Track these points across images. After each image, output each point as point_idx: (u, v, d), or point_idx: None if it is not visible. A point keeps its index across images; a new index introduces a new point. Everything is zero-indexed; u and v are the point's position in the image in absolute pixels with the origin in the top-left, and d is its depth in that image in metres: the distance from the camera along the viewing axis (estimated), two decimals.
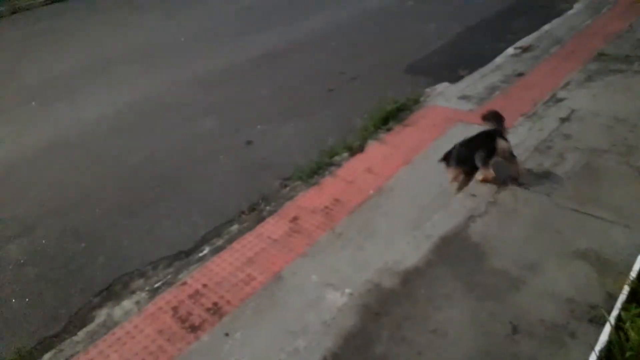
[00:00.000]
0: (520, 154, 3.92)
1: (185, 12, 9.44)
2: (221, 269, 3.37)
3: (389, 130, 4.85)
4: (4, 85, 6.94)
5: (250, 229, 3.72)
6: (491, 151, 3.57)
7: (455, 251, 3.14)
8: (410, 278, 2.99)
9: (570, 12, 7.85)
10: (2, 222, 4.24)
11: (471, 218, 3.41)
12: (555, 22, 7.45)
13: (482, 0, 8.63)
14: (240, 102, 5.93)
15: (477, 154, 3.57)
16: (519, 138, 4.26)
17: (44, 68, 7.40)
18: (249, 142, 5.07)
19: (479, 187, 3.71)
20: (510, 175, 3.72)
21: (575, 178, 3.66)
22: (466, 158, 3.60)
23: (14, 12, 9.92)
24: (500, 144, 3.55)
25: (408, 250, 3.22)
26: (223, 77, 6.61)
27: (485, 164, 3.61)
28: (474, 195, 3.62)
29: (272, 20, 8.59)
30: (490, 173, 3.69)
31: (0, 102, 6.42)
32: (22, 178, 4.81)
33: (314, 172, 4.35)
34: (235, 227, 3.81)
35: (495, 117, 3.70)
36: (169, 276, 3.42)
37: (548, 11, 8.04)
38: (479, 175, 3.73)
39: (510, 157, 3.64)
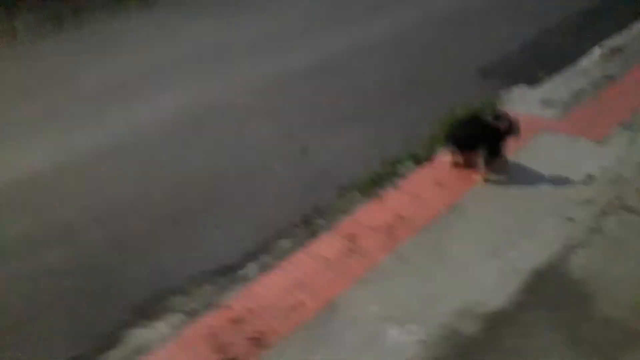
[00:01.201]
0: (623, 170, 3.30)
1: (242, 15, 9.20)
2: (268, 290, 2.97)
3: None
4: (61, 87, 6.90)
5: (302, 245, 3.31)
6: (494, 151, 3.50)
7: (552, 291, 2.56)
8: (496, 324, 2.44)
9: None
10: (44, 225, 4.04)
11: (570, 248, 2.81)
12: None
13: None
14: (297, 108, 5.56)
15: (482, 150, 3.50)
16: (620, 151, 3.63)
17: (101, 71, 7.34)
18: (304, 150, 4.68)
19: (578, 210, 3.10)
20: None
21: None
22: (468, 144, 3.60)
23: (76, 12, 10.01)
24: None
25: (492, 287, 2.67)
26: (279, 82, 6.27)
27: (488, 164, 3.54)
28: (571, 220, 3.03)
29: (331, 25, 8.20)
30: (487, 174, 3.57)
31: (56, 106, 6.34)
32: (70, 182, 4.63)
33: (375, 183, 3.89)
34: (285, 243, 3.41)
35: (510, 121, 3.51)
36: (211, 296, 3.06)
37: (637, 8, 7.21)
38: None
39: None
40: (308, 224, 3.56)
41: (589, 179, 3.42)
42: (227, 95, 6.09)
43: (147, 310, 3.10)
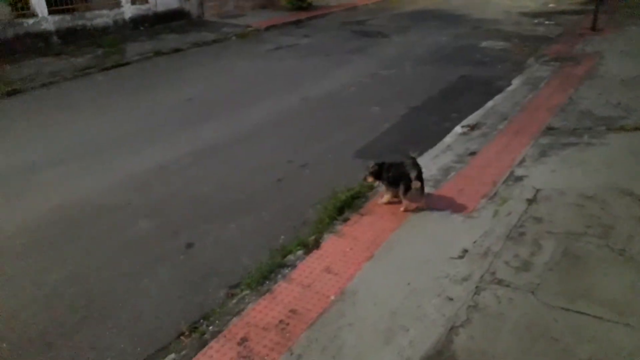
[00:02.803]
0: (492, 243, 3.56)
1: (118, 108, 8.91)
2: None
3: (345, 220, 4.44)
4: None
5: (189, 358, 3.08)
6: (408, 185, 4.32)
7: None
8: None
9: (510, 88, 8.02)
10: None
11: (453, 329, 2.91)
12: (498, 98, 7.54)
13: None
14: (180, 201, 5.38)
15: (401, 184, 4.36)
16: (487, 225, 3.92)
17: None
18: (189, 246, 4.50)
19: (456, 288, 3.26)
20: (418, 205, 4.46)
21: (558, 269, 3.30)
22: (395, 181, 4.44)
23: None
24: (415, 184, 4.26)
25: None
26: (160, 175, 6.06)
27: (405, 194, 4.36)
28: (450, 299, 3.16)
29: (213, 113, 8.23)
30: (408, 202, 4.41)
31: None
32: None
33: (265, 277, 3.81)
34: (171, 358, 3.15)
35: (411, 159, 4.49)
36: None
37: (487, 88, 8.19)
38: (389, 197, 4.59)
39: (421, 193, 4.39)
40: (196, 332, 3.34)
41: (464, 254, 3.63)
42: (102, 193, 5.72)
43: None
